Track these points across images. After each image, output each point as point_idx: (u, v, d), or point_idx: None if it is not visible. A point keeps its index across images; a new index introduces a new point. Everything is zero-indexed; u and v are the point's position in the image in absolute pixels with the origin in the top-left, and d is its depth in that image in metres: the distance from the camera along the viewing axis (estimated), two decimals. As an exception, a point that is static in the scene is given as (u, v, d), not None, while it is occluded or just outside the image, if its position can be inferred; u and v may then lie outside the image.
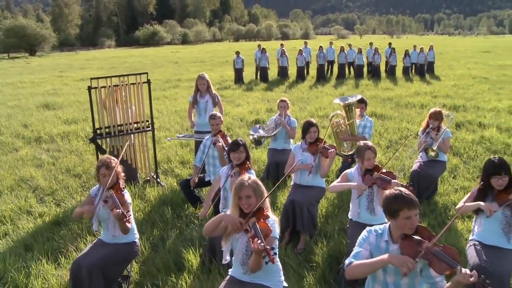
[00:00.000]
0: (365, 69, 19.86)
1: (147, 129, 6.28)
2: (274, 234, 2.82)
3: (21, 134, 9.68)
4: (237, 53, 17.92)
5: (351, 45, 20.37)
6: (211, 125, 5.22)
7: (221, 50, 48.29)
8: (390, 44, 20.63)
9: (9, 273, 4.04)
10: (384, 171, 3.90)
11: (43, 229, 5.01)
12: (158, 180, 6.44)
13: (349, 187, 4.05)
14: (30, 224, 5.13)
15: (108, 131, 5.94)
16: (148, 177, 6.48)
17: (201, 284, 3.80)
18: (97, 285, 3.38)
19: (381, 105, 12.24)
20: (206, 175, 5.33)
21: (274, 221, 2.90)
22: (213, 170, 5.18)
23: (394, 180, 3.75)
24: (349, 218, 4.18)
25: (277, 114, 6.38)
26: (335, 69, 19.84)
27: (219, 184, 4.30)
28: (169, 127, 10.13)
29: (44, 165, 7.40)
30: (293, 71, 19.33)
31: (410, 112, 11.26)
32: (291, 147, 6.07)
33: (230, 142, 4.48)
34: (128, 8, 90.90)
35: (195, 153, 5.84)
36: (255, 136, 6.34)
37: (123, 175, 3.75)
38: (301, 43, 25.74)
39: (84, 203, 3.80)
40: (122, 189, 3.63)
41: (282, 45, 19.62)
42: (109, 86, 5.79)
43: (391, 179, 3.78)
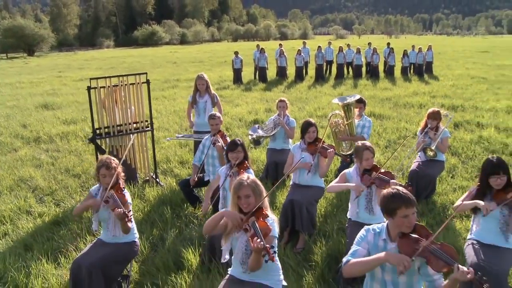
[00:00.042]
0: (363, 69, 19.87)
1: (147, 129, 6.30)
2: (274, 233, 2.83)
3: (20, 134, 9.67)
4: (236, 53, 17.93)
5: (349, 45, 20.41)
6: (210, 125, 5.24)
7: (219, 50, 48.31)
8: (388, 44, 20.64)
9: (9, 272, 4.05)
10: (383, 171, 3.92)
11: (42, 229, 5.01)
12: (157, 180, 6.45)
13: (347, 187, 4.06)
14: (29, 224, 5.14)
15: (108, 131, 5.95)
16: (147, 177, 6.49)
17: (200, 283, 3.82)
18: (97, 285, 3.39)
19: (379, 105, 12.26)
20: (205, 174, 5.34)
21: (273, 220, 2.91)
22: (212, 170, 5.19)
23: (392, 180, 3.76)
24: (348, 217, 4.20)
25: (276, 114, 6.40)
26: (334, 69, 19.84)
27: (218, 183, 4.32)
28: (168, 127, 10.13)
29: (43, 165, 7.40)
30: (291, 71, 19.34)
31: (408, 112, 11.28)
32: (290, 147, 6.08)
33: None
34: (126, 8, 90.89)
35: (194, 153, 5.86)
36: (254, 136, 6.35)
37: (123, 175, 3.76)
38: (300, 43, 25.78)
39: (84, 201, 3.80)
40: (122, 189, 3.65)
41: (280, 45, 19.64)
42: (108, 86, 5.80)
43: (389, 179, 3.79)
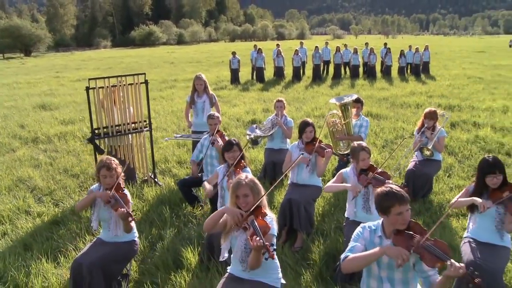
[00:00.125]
0: (360, 69, 19.94)
1: (145, 129, 6.32)
2: (273, 232, 2.86)
3: (18, 134, 9.67)
4: (233, 53, 17.97)
5: (346, 45, 20.50)
6: (209, 125, 5.28)
7: (217, 50, 48.31)
8: (385, 44, 20.73)
9: (9, 272, 4.07)
10: (379, 171, 3.96)
11: (42, 228, 5.03)
12: (155, 179, 6.47)
13: (345, 188, 4.10)
14: (29, 224, 5.15)
15: (106, 131, 5.97)
16: (146, 177, 6.51)
17: (199, 282, 3.85)
18: (97, 284, 3.41)
19: (376, 105, 12.32)
20: (203, 174, 5.37)
21: (272, 218, 2.94)
22: (211, 169, 5.22)
23: (388, 180, 3.81)
24: (346, 217, 4.24)
25: (273, 114, 6.43)
26: (331, 69, 19.92)
27: (216, 179, 4.37)
28: (165, 127, 10.15)
29: (42, 166, 7.41)
30: (289, 71, 19.38)
31: (405, 111, 11.34)
32: (288, 146, 6.14)
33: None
34: (123, 8, 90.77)
35: (192, 153, 5.88)
36: (252, 136, 6.38)
37: (122, 175, 3.78)
38: (297, 43, 25.80)
39: (86, 197, 3.79)
40: (123, 188, 3.67)
41: (278, 45, 19.68)
42: (107, 87, 5.82)
43: (385, 179, 3.84)
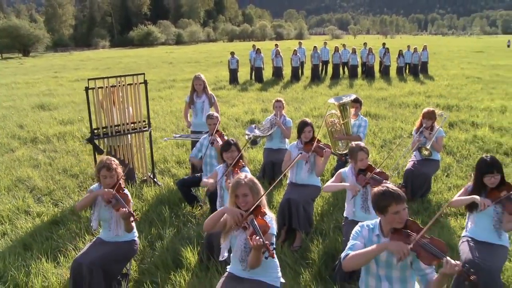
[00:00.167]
0: (359, 69, 19.97)
1: (144, 129, 6.33)
2: (272, 231, 2.88)
3: (17, 134, 9.67)
4: (232, 53, 17.97)
5: (345, 45, 20.50)
6: (208, 125, 5.30)
7: (215, 50, 48.31)
8: (384, 44, 20.77)
9: (9, 271, 4.08)
10: (377, 171, 3.99)
11: (41, 228, 5.03)
12: (155, 179, 6.48)
13: (344, 187, 4.12)
14: (28, 224, 5.16)
15: (105, 132, 5.98)
16: (145, 177, 6.52)
17: (199, 281, 3.86)
18: (97, 283, 3.43)
19: (375, 105, 12.34)
20: (203, 174, 5.38)
21: (271, 218, 2.96)
22: (210, 169, 5.23)
23: (386, 180, 3.83)
24: (345, 216, 4.26)
25: (272, 114, 6.45)
26: (330, 69, 19.93)
27: (215, 178, 4.39)
28: (164, 127, 10.16)
29: (41, 166, 7.41)
30: (287, 72, 19.39)
31: (404, 111, 11.37)
32: (287, 146, 6.15)
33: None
34: (122, 8, 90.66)
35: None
36: (250, 136, 6.40)
37: (122, 175, 3.79)
38: (296, 43, 25.80)
39: (86, 196, 3.80)
40: (123, 188, 3.68)
41: (276, 45, 19.69)
42: (106, 87, 5.83)
43: (383, 179, 3.87)
